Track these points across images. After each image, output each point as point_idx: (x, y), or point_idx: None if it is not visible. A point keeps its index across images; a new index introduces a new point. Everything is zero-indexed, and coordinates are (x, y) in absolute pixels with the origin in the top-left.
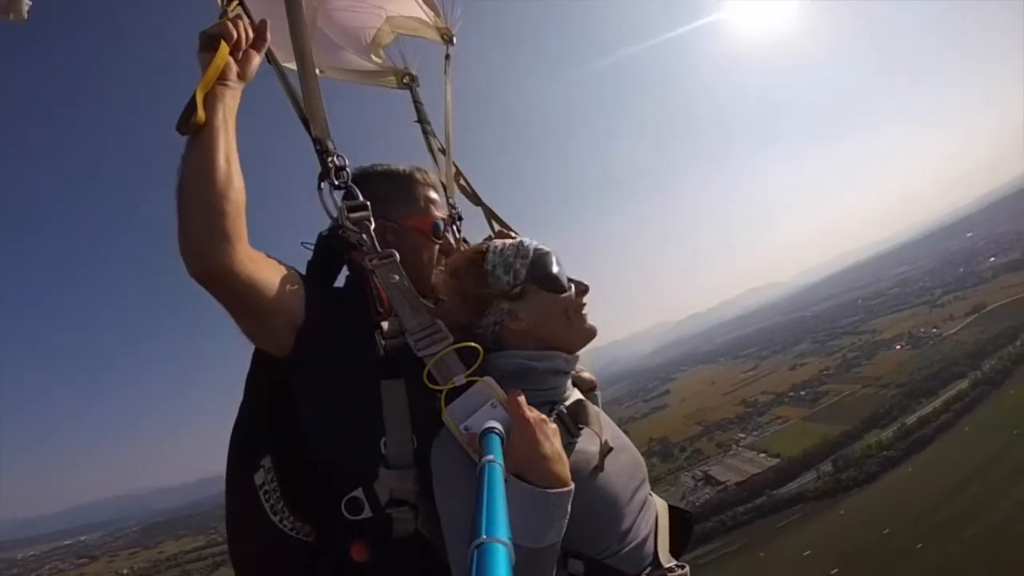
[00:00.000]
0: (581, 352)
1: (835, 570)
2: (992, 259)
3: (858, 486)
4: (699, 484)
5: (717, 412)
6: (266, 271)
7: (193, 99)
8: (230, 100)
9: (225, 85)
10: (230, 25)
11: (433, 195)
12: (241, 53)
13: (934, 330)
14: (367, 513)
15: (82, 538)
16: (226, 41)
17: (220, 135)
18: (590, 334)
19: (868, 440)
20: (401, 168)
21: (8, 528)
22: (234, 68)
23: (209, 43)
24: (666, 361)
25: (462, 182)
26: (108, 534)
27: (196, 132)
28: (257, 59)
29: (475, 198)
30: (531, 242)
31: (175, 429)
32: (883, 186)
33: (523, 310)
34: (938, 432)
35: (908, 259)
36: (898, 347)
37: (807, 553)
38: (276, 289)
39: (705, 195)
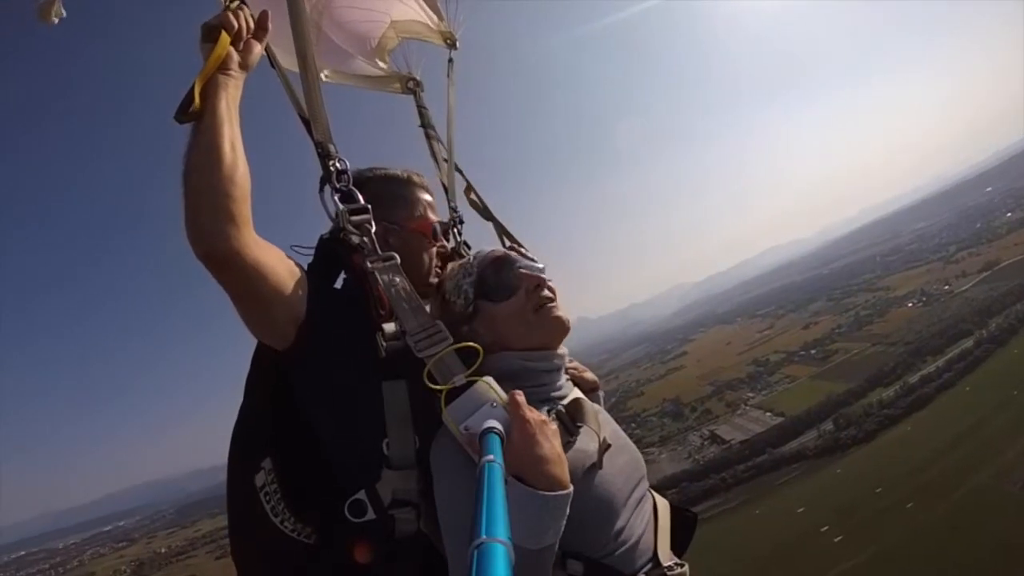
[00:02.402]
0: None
1: (826, 527)
2: (1008, 214)
3: (856, 444)
4: (705, 443)
5: (730, 372)
6: (272, 258)
7: (192, 89)
8: (233, 89)
9: (227, 74)
10: (231, 15)
11: (429, 198)
12: (243, 43)
13: (946, 287)
14: (370, 515)
15: (120, 523)
16: (227, 31)
17: (224, 122)
18: (558, 330)
19: (871, 399)
20: (399, 172)
21: (49, 520)
22: (235, 58)
23: (210, 34)
24: (686, 322)
25: (473, 196)
26: (145, 518)
27: (196, 120)
28: (259, 49)
29: (486, 212)
30: (480, 253)
31: (205, 411)
32: (907, 140)
33: (481, 327)
34: (939, 391)
35: (928, 214)
36: (910, 304)
37: (801, 510)
38: (281, 277)
39: (726, 152)
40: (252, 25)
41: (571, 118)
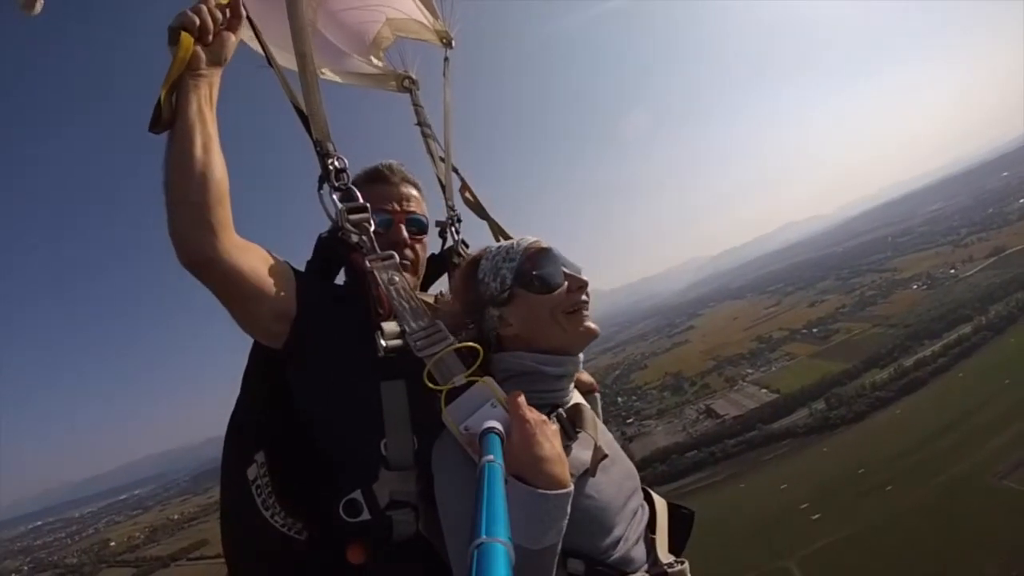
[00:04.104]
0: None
1: (805, 504)
2: (1021, 201)
3: (846, 424)
4: (701, 417)
5: (732, 348)
6: (252, 260)
7: (159, 98)
8: (205, 88)
9: (197, 75)
10: (191, 14)
11: (405, 191)
12: (212, 37)
13: (952, 271)
14: (365, 515)
15: (136, 492)
16: (188, 31)
17: (196, 127)
18: (586, 336)
19: (864, 380)
20: (381, 168)
21: (66, 490)
22: (203, 56)
23: (174, 36)
24: (697, 297)
25: (468, 195)
26: (160, 486)
27: (170, 128)
28: (233, 40)
29: (481, 211)
30: (524, 242)
31: (222, 380)
32: (931, 121)
33: (512, 315)
34: (932, 376)
35: (944, 196)
36: (914, 287)
37: (784, 486)
38: (262, 277)
39: (747, 126)
40: (220, 16)
41: (589, 96)
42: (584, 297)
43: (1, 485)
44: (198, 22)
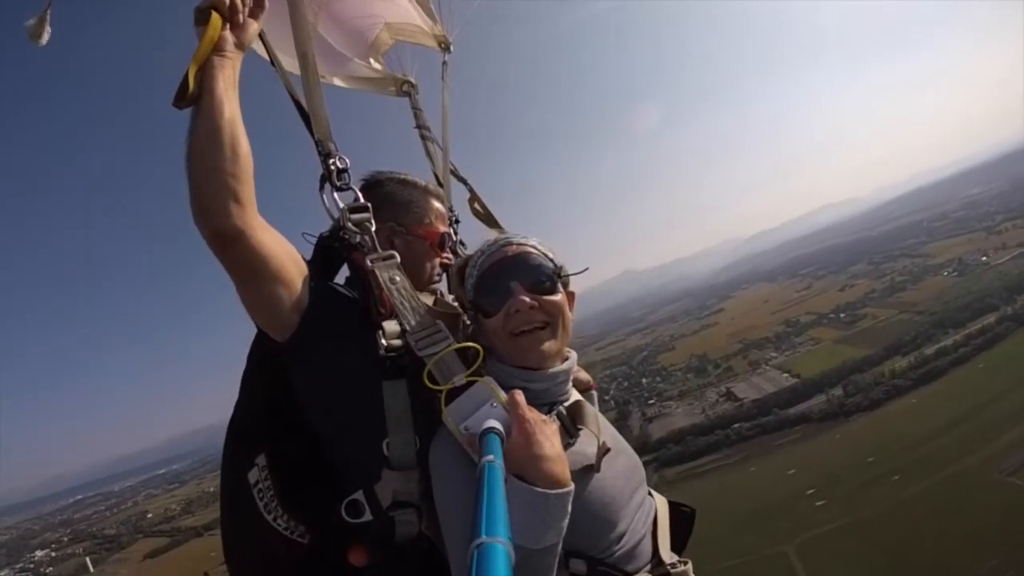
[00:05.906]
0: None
1: (812, 490)
2: None
3: (861, 412)
4: (720, 399)
5: (759, 331)
6: (275, 242)
7: (187, 74)
8: (230, 70)
9: (223, 56)
10: None
11: (442, 211)
12: (238, 22)
13: (983, 258)
14: (367, 516)
15: (174, 467)
16: (219, 12)
17: (224, 102)
18: (532, 360)
19: (884, 367)
20: (417, 179)
21: (107, 465)
22: (230, 38)
23: (202, 16)
24: (730, 279)
25: (476, 206)
26: (198, 461)
27: (194, 104)
28: (255, 26)
29: (491, 222)
30: (489, 249)
31: None
32: (972, 101)
33: (481, 329)
34: (952, 366)
35: (983, 180)
36: (944, 273)
37: (792, 472)
38: (284, 261)
39: (786, 108)
40: (246, 2)
41: (630, 73)
42: (532, 316)
43: (44, 461)
44: (228, 3)
